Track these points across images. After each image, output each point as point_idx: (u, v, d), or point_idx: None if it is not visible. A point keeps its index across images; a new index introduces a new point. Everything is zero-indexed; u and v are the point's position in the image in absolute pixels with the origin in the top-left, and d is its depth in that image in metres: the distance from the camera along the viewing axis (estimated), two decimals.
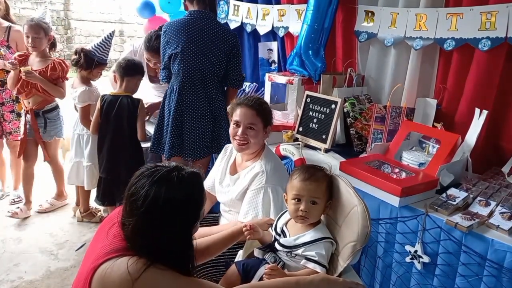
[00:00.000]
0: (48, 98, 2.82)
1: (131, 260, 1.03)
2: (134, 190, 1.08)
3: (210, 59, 2.29)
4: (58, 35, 9.02)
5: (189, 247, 1.14)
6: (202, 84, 2.32)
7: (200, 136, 2.36)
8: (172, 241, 1.09)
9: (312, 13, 2.39)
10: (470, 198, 1.62)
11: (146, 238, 1.06)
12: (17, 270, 2.40)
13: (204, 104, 2.33)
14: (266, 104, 1.80)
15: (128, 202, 1.09)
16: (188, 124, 2.34)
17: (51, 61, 2.75)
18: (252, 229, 1.36)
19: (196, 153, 2.37)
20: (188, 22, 2.29)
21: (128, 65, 2.57)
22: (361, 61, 2.53)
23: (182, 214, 1.09)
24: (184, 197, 1.09)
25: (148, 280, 1.02)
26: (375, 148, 1.99)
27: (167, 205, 1.06)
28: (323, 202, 1.33)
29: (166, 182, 1.07)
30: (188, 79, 2.30)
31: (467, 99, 1.99)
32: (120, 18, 9.81)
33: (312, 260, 1.27)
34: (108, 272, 1.02)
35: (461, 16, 1.93)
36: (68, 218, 3.01)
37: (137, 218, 1.06)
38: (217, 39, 2.29)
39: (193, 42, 2.27)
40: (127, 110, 2.51)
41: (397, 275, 1.69)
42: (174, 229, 1.08)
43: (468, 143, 1.83)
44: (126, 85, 2.56)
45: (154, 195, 1.05)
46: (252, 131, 1.70)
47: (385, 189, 1.64)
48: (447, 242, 1.49)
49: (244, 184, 1.71)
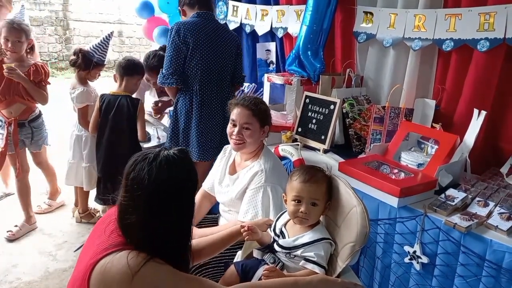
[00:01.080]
0: (31, 105, 2.67)
1: (131, 254, 1.02)
2: (129, 177, 1.08)
3: (224, 59, 2.34)
4: (56, 36, 9.03)
5: (187, 238, 1.14)
6: (218, 84, 2.35)
7: (211, 137, 2.37)
8: (170, 229, 1.08)
9: (311, 14, 2.40)
10: (468, 199, 1.62)
11: (144, 228, 1.06)
12: (15, 271, 2.39)
13: (217, 105, 2.35)
14: (264, 104, 1.81)
15: (124, 191, 1.09)
16: (198, 124, 2.33)
17: (33, 64, 2.60)
18: (250, 230, 1.36)
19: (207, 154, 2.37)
20: (200, 23, 2.29)
21: (128, 64, 2.57)
22: (360, 61, 2.54)
23: (177, 195, 1.08)
24: (174, 176, 1.07)
25: (148, 273, 1.01)
26: (374, 149, 1.99)
27: (161, 187, 1.05)
28: (322, 203, 1.33)
29: (157, 164, 1.06)
30: (206, 79, 2.31)
31: (465, 100, 2.00)
32: (119, 18, 9.80)
33: (311, 261, 1.27)
34: (108, 267, 1.01)
35: (460, 17, 1.94)
36: (67, 219, 3.00)
37: (134, 206, 1.06)
38: (227, 39, 2.34)
39: (210, 42, 2.29)
40: (126, 110, 2.50)
41: (396, 275, 1.70)
42: (170, 213, 1.07)
43: (466, 143, 1.83)
44: (126, 85, 2.56)
45: (146, 179, 1.04)
46: (248, 131, 1.71)
47: (384, 189, 1.65)
48: (446, 242, 1.50)
49: (243, 184, 1.72)
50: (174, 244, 1.11)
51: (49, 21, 8.90)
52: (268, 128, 1.79)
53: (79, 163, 2.81)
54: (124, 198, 1.08)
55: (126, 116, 2.51)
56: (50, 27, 8.92)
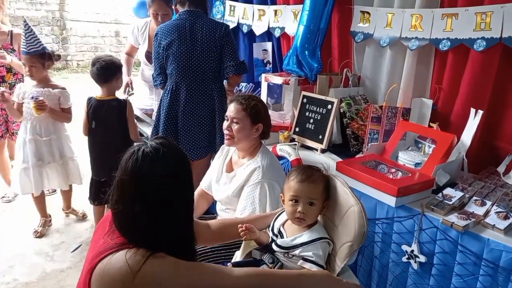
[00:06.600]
0: None
1: (129, 253, 1.00)
2: (117, 175, 1.07)
3: (202, 56, 2.30)
4: (53, 36, 8.99)
5: (188, 227, 1.12)
6: (197, 82, 2.33)
7: (196, 136, 2.37)
8: (167, 222, 1.06)
9: (308, 14, 2.40)
10: (466, 198, 1.63)
11: (141, 225, 1.04)
12: (12, 272, 2.39)
13: (200, 103, 2.34)
14: (257, 101, 1.80)
15: (116, 191, 1.07)
16: (182, 124, 2.35)
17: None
18: (248, 229, 1.36)
19: (193, 153, 2.37)
20: (177, 23, 2.31)
21: (99, 74, 2.43)
22: (357, 61, 2.54)
23: (171, 185, 1.06)
24: (162, 166, 1.06)
25: (149, 270, 0.98)
26: (372, 148, 1.99)
27: (149, 179, 1.03)
28: (320, 202, 1.33)
29: (139, 160, 1.04)
30: (182, 78, 2.31)
31: (462, 99, 2.00)
32: (115, 18, 9.78)
33: (309, 261, 1.27)
34: (107, 269, 0.99)
35: (456, 16, 1.94)
36: (63, 220, 2.99)
37: (127, 204, 1.05)
38: (206, 33, 2.30)
39: (184, 41, 2.28)
40: (114, 112, 2.48)
41: (393, 275, 1.70)
42: (165, 206, 1.05)
43: (463, 143, 1.84)
44: (108, 90, 2.49)
45: (135, 173, 1.03)
46: (237, 125, 1.72)
47: (381, 189, 1.65)
48: (443, 241, 1.50)
49: (240, 181, 1.72)
50: (176, 235, 1.08)
51: (46, 21, 8.87)
52: (262, 127, 1.77)
53: None
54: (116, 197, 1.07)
55: (114, 118, 2.48)
56: (46, 27, 8.89)
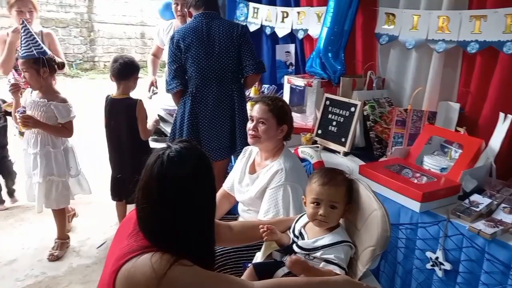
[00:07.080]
0: None
1: (154, 257, 1.00)
2: (143, 179, 1.08)
3: (221, 57, 2.33)
4: (81, 37, 9.27)
5: (210, 232, 1.12)
6: (217, 83, 2.36)
7: (218, 137, 2.41)
8: (191, 225, 1.06)
9: (332, 16, 2.39)
10: (494, 205, 1.58)
11: (165, 229, 1.05)
12: (40, 265, 2.47)
13: (221, 103, 2.38)
14: (283, 102, 1.83)
15: (140, 194, 1.08)
16: (204, 126, 2.38)
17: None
18: (269, 230, 1.37)
19: (215, 154, 2.40)
20: (194, 25, 2.34)
21: (120, 69, 2.49)
22: (382, 63, 2.51)
23: (195, 188, 1.07)
24: (188, 170, 1.06)
25: (175, 276, 0.99)
26: (396, 152, 1.97)
27: (175, 183, 1.04)
28: (342, 206, 1.32)
29: (170, 162, 1.05)
30: (202, 80, 2.35)
31: (491, 103, 1.95)
32: (141, 20, 10.01)
33: (331, 263, 1.26)
34: (132, 272, 1.00)
35: (485, 18, 1.89)
36: (89, 216, 3.08)
37: (152, 208, 1.05)
38: (223, 34, 2.32)
39: (202, 43, 2.31)
40: (125, 112, 2.53)
41: (417, 281, 1.67)
42: (189, 209, 1.06)
43: (492, 148, 1.79)
44: (124, 88, 2.54)
45: (160, 177, 1.04)
46: (263, 126, 1.74)
47: (405, 194, 1.62)
48: (469, 249, 1.46)
49: (263, 183, 1.73)
50: (198, 238, 1.09)
51: (74, 23, 9.15)
52: (287, 128, 1.79)
53: None
54: (142, 201, 1.08)
55: (126, 118, 2.53)
56: (75, 29, 9.17)
